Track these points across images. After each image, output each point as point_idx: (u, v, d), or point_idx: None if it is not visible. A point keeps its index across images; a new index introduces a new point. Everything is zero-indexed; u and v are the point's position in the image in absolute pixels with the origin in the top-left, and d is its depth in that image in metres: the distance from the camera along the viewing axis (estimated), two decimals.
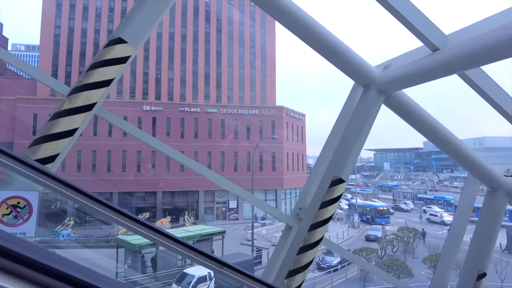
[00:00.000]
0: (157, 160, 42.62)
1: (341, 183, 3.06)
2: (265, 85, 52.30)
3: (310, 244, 2.91)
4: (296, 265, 2.87)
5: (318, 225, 2.97)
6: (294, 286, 2.83)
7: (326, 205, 3.01)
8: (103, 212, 1.22)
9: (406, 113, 3.39)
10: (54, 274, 0.57)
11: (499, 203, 3.90)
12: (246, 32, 52.12)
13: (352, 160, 3.15)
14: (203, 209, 44.30)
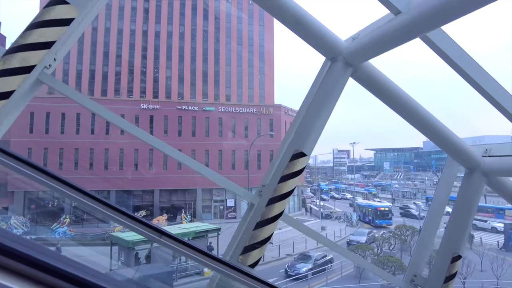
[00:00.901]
0: (154, 158, 42.52)
1: (303, 157, 2.94)
2: (263, 84, 52.18)
3: (267, 219, 2.80)
4: (252, 240, 2.76)
5: (276, 199, 2.86)
6: (250, 263, 2.72)
7: (285, 179, 2.90)
8: (99, 210, 1.22)
9: (375, 86, 3.26)
10: (54, 272, 0.57)
11: (476, 184, 3.80)
12: (244, 30, 52.01)
13: (315, 134, 3.04)
14: (200, 208, 44.19)
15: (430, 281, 3.79)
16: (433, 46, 2.84)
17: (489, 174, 3.77)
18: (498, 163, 3.66)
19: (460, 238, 3.79)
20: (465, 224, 3.83)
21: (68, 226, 30.84)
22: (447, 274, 3.64)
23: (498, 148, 3.75)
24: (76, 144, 40.84)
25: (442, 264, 3.73)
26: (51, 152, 40.53)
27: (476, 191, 3.81)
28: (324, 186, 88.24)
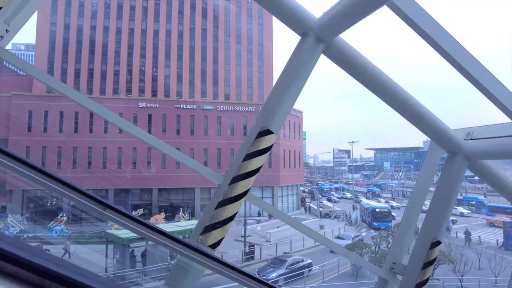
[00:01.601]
0: (153, 157, 42.44)
1: (269, 134, 2.83)
2: (263, 83, 52.08)
3: (230, 198, 2.69)
4: (213, 220, 2.64)
5: (240, 178, 2.75)
6: (210, 243, 2.61)
7: (250, 157, 2.79)
8: (96, 209, 1.23)
9: (349, 64, 3.15)
10: (47, 275, 0.57)
11: (458, 168, 3.67)
12: (243, 29, 51.92)
13: (282, 112, 2.92)
14: (199, 206, 44.09)
15: (409, 268, 3.66)
16: (401, 13, 2.73)
17: (471, 157, 3.64)
18: (479, 146, 3.55)
19: (439, 223, 3.66)
20: (445, 208, 3.70)
21: (65, 225, 30.76)
22: (426, 260, 3.52)
23: (480, 131, 3.63)
24: (74, 142, 40.79)
25: (421, 250, 3.60)
26: (49, 151, 40.46)
27: (458, 175, 3.68)
28: (325, 186, 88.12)
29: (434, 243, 3.56)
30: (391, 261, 3.93)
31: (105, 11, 48.27)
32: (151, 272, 20.03)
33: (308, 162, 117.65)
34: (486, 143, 3.49)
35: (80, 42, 47.30)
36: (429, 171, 4.11)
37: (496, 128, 3.47)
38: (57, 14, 46.48)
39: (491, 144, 3.45)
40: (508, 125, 3.33)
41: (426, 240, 3.62)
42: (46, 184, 1.15)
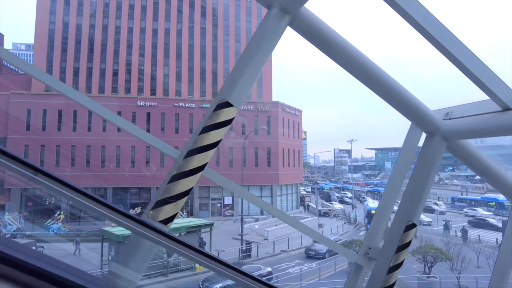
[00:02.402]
0: (151, 155, 42.39)
1: (228, 107, 2.70)
2: (261, 81, 51.98)
3: (184, 172, 2.56)
4: (165, 194, 2.52)
5: (196, 151, 2.62)
6: (161, 218, 2.47)
7: (207, 130, 2.66)
8: (93, 208, 1.24)
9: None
10: (41, 275, 0.56)
11: (436, 148, 3.51)
12: (242, 27, 51.83)
13: (243, 82, 2.79)
14: (198, 205, 44.02)
15: (383, 252, 3.53)
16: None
17: (449, 138, 3.50)
18: (457, 125, 3.41)
19: (415, 205, 3.51)
20: (422, 190, 3.54)
21: (63, 223, 30.70)
22: (400, 244, 3.37)
23: (460, 110, 3.47)
24: (73, 141, 40.77)
25: (396, 233, 3.46)
26: (48, 150, 40.47)
27: (435, 156, 3.53)
28: (325, 186, 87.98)
29: (409, 225, 3.42)
30: (366, 246, 3.79)
31: (104, 10, 48.27)
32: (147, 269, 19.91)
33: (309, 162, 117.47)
34: (464, 121, 3.34)
35: (79, 41, 47.30)
36: (408, 154, 3.95)
37: (474, 106, 3.33)
38: (56, 13, 46.48)
39: (468, 122, 3.31)
40: (485, 102, 3.19)
41: (401, 223, 3.48)
42: (44, 183, 1.16)
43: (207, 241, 24.14)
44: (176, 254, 18.87)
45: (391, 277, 3.31)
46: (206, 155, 2.64)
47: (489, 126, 3.01)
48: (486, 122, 3.06)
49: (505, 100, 2.83)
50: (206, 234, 24.46)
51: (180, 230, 22.11)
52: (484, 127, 3.10)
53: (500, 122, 2.90)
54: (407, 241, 3.42)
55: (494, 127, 2.97)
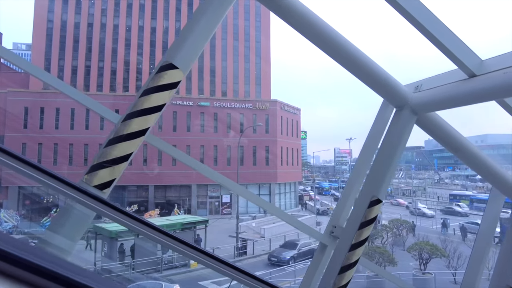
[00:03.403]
0: (148, 153, 42.29)
1: (173, 69, 2.58)
2: (260, 79, 51.86)
3: (122, 135, 2.47)
4: (101, 158, 2.41)
5: (135, 114, 2.53)
6: (96, 183, 2.39)
7: (149, 93, 2.57)
8: (91, 204, 1.25)
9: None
10: (45, 274, 0.56)
11: (405, 122, 3.40)
12: (240, 25, 51.71)
13: (191, 44, 2.69)
14: (195, 204, 43.91)
15: (346, 230, 3.40)
16: None
17: (418, 111, 3.37)
18: (427, 97, 3.28)
19: (380, 180, 3.38)
20: (388, 167, 3.41)
21: None
22: (363, 220, 3.24)
23: (430, 82, 3.35)
24: (71, 139, 40.69)
25: (360, 210, 3.33)
26: (45, 147, 40.42)
27: (403, 130, 3.40)
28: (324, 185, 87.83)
29: (373, 201, 3.29)
30: (331, 225, 3.68)
31: (102, 8, 48.21)
32: (139, 266, 19.86)
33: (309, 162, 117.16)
34: (433, 93, 3.22)
35: (77, 39, 47.25)
36: (378, 130, 3.82)
37: (442, 77, 3.21)
38: (54, 11, 46.45)
39: (437, 93, 3.19)
40: (453, 72, 3.07)
41: (365, 199, 3.35)
42: (41, 180, 1.16)
43: (203, 238, 24.03)
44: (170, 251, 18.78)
45: (353, 255, 3.18)
46: (147, 119, 2.53)
47: (456, 95, 2.93)
48: (453, 91, 2.97)
49: (471, 67, 2.75)
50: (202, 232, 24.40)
51: (175, 226, 21.99)
52: (451, 96, 3.00)
53: (466, 90, 2.83)
54: (371, 217, 3.29)
55: (461, 95, 2.89)
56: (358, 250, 3.17)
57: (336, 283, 3.07)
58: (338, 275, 3.08)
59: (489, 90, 2.68)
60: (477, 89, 2.75)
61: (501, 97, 2.83)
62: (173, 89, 2.57)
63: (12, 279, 0.53)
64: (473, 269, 4.16)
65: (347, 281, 3.10)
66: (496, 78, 2.58)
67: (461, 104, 3.02)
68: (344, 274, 3.09)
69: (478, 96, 2.80)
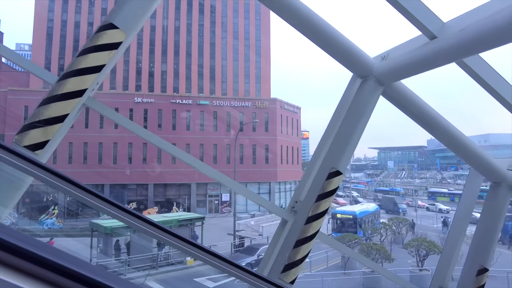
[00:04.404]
0: (148, 152, 42.32)
1: (113, 29, 2.50)
2: (260, 78, 51.79)
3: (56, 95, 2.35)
4: (33, 118, 2.31)
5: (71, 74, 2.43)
6: (27, 143, 2.28)
7: (86, 52, 2.49)
8: (90, 201, 1.25)
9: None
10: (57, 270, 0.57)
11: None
12: (240, 24, 51.68)
13: (132, 5, 2.59)
14: (195, 202, 43.88)
15: (304, 203, 3.29)
16: None
17: (383, 81, 3.31)
18: (391, 65, 3.22)
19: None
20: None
21: (57, 218, 30.67)
22: (321, 192, 3.15)
23: (396, 51, 3.33)
24: (70, 138, 40.76)
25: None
26: None
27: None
28: None
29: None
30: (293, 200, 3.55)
31: (102, 7, 48.34)
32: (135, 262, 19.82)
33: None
34: (396, 61, 3.12)
35: (77, 39, 47.39)
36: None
37: (407, 44, 3.13)
38: (54, 10, 46.63)
39: (400, 61, 3.10)
40: (417, 38, 3.00)
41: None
42: (42, 177, 1.16)
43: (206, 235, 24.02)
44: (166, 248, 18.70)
45: (309, 228, 3.08)
46: (84, 79, 2.43)
47: (419, 60, 2.86)
48: (415, 56, 2.88)
49: (432, 29, 2.69)
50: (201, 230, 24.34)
51: (170, 223, 21.94)
52: (414, 62, 2.91)
53: (428, 53, 2.76)
54: (330, 189, 3.19)
55: (423, 60, 2.83)
56: (315, 223, 3.07)
57: (291, 257, 2.97)
58: (293, 249, 2.99)
59: (448, 51, 2.63)
60: (437, 51, 2.69)
61: (460, 57, 2.74)
62: (113, 50, 2.47)
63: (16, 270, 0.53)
64: (450, 247, 4.22)
65: (303, 256, 3.00)
66: (454, 38, 2.54)
67: (424, 69, 2.93)
68: (300, 248, 2.99)
69: (438, 59, 2.74)
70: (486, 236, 3.93)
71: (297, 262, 2.97)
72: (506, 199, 3.89)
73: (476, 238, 4.00)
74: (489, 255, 3.90)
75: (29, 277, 0.54)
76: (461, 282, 3.97)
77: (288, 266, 2.95)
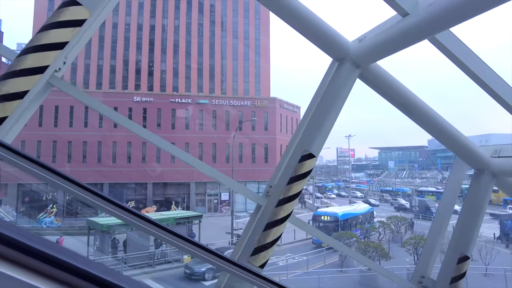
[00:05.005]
0: (147, 151, 42.32)
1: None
2: (259, 77, 51.75)
3: None
4: None
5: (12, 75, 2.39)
6: None
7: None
8: (90, 200, 1.25)
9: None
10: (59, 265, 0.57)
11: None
12: (240, 23, 51.66)
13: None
14: (194, 201, 43.85)
15: (277, 186, 3.25)
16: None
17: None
18: (367, 47, 3.21)
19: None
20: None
21: (55, 216, 30.68)
22: (293, 175, 3.10)
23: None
24: (69, 137, 40.84)
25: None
26: (44, 145, 40.57)
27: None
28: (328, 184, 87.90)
29: (305, 155, 3.22)
30: (269, 185, 3.53)
31: None
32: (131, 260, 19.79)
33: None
34: (372, 43, 3.11)
35: None
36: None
37: (383, 25, 3.10)
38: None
39: (377, 43, 3.08)
40: (392, 18, 2.98)
41: (297, 153, 3.29)
42: (42, 175, 1.15)
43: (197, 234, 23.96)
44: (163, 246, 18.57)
45: (280, 211, 3.02)
46: (45, 56, 2.36)
47: (392, 39, 2.82)
48: (389, 36, 2.84)
49: (404, 6, 2.63)
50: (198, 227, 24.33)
51: (167, 221, 21.91)
52: (388, 41, 2.88)
53: (400, 31, 2.72)
54: (302, 172, 3.14)
55: (396, 38, 2.79)
56: (286, 205, 3.01)
57: (261, 240, 2.92)
58: (263, 232, 2.94)
59: (420, 27, 2.59)
60: (409, 28, 2.65)
61: (431, 33, 2.68)
62: (77, 27, 2.41)
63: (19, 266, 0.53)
64: (433, 236, 4.20)
65: (273, 239, 2.95)
66: (424, 13, 2.50)
67: (398, 48, 2.88)
68: (270, 231, 2.94)
69: (411, 36, 2.70)
70: (468, 224, 3.88)
71: (267, 245, 2.92)
72: (489, 186, 3.85)
73: (459, 226, 3.94)
74: (470, 243, 3.84)
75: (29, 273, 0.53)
76: (442, 270, 3.91)
77: (257, 250, 2.90)
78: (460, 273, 3.72)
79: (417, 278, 3.98)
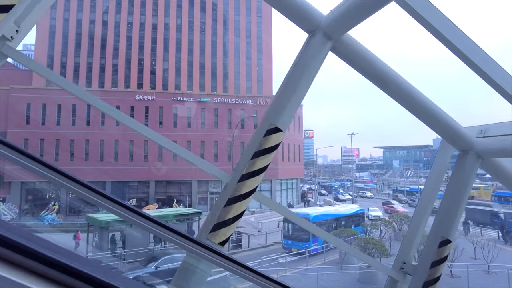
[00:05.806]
0: (149, 149, 42.37)
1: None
2: (261, 75, 51.61)
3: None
4: None
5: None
6: None
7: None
8: (91, 198, 1.27)
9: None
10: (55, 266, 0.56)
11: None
12: (242, 21, 51.56)
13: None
14: (196, 199, 43.83)
15: (241, 161, 3.13)
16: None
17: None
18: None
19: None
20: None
21: (57, 213, 30.80)
22: (257, 149, 2.97)
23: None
24: (72, 135, 41.01)
25: (256, 140, 3.14)
26: (47, 143, 40.78)
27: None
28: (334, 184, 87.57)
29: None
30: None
31: (104, 5, 48.55)
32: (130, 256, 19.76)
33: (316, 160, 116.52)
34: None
35: (79, 36, 47.65)
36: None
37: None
38: (57, 8, 46.91)
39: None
40: None
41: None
42: (45, 174, 1.16)
43: (196, 231, 23.86)
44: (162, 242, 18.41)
45: (243, 186, 2.95)
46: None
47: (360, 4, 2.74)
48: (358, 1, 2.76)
49: None
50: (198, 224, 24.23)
51: (167, 218, 21.88)
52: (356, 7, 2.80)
53: None
54: (267, 146, 3.03)
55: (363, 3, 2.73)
56: (249, 181, 2.88)
57: (221, 215, 2.79)
58: (224, 207, 2.82)
59: None
60: None
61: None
62: None
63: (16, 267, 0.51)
64: (416, 222, 4.11)
65: (235, 215, 2.82)
66: None
67: (367, 14, 2.81)
68: (231, 207, 2.82)
69: None
70: (451, 207, 3.76)
71: (228, 221, 2.79)
72: (474, 167, 3.71)
73: (441, 209, 3.82)
74: (453, 226, 3.71)
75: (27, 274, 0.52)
76: (423, 254, 3.79)
77: (217, 226, 2.77)
78: (441, 257, 3.59)
79: (398, 264, 3.85)
